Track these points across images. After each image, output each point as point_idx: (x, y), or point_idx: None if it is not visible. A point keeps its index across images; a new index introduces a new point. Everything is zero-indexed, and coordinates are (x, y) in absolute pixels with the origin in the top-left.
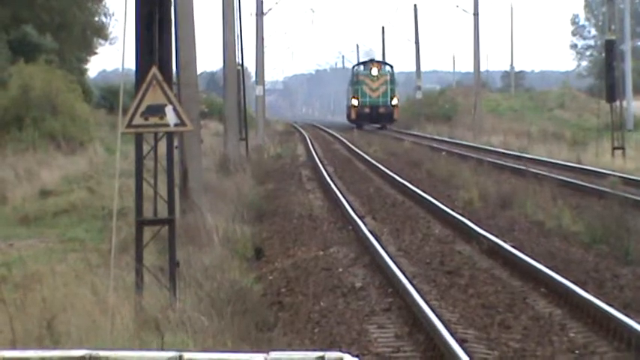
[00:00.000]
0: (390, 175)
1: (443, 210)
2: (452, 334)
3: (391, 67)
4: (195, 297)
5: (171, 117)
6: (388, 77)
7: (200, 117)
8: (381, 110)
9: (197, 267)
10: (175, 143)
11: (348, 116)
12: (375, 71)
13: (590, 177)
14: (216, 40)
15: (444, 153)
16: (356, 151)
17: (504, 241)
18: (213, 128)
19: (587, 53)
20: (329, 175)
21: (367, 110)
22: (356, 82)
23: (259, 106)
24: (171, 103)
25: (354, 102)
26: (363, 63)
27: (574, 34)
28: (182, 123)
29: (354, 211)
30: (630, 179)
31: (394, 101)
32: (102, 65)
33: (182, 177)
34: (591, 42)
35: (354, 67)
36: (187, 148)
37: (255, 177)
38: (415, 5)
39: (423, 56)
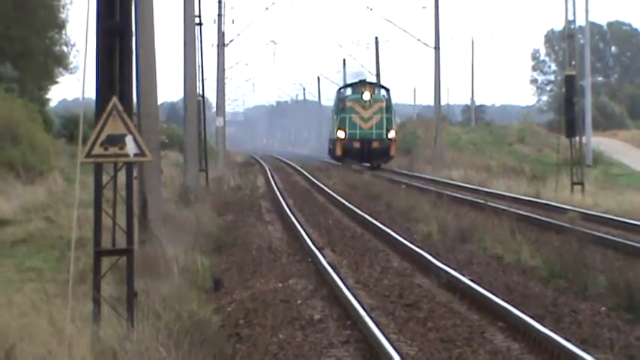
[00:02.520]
0: (350, 208)
1: (402, 243)
2: None
3: (387, 90)
4: (153, 328)
5: (131, 147)
6: (384, 104)
7: (160, 147)
8: (375, 145)
9: (155, 297)
10: (135, 173)
11: (332, 152)
12: (367, 96)
13: (549, 212)
14: (177, 70)
15: (403, 186)
16: (316, 183)
17: (463, 275)
18: (173, 159)
19: (548, 88)
20: (288, 207)
21: (357, 145)
22: (342, 109)
23: (220, 137)
24: (131, 133)
25: (340, 134)
26: (352, 85)
27: (534, 69)
28: (142, 153)
29: (313, 243)
30: (589, 214)
31: (391, 134)
32: (62, 94)
33: (141, 207)
34: (551, 77)
35: (340, 89)
36: (147, 178)
37: (214, 208)
38: (376, 38)
39: None
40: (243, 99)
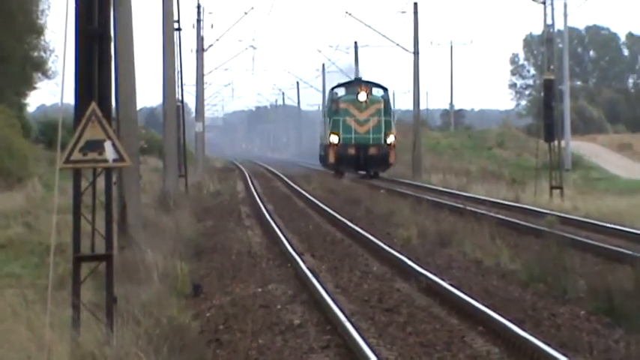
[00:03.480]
0: (329, 213)
1: (381, 248)
2: None
3: (385, 90)
4: (133, 333)
5: (110, 153)
6: (382, 105)
7: (139, 153)
8: (372, 151)
9: (135, 303)
10: (114, 179)
11: (323, 159)
12: (363, 96)
13: (528, 216)
14: (156, 75)
15: (382, 191)
16: (295, 189)
17: (442, 279)
18: (152, 164)
19: (527, 92)
20: (268, 212)
21: (352, 151)
22: (335, 111)
23: (199, 142)
24: (110, 138)
25: (333, 139)
26: (346, 84)
27: (513, 73)
28: (121, 159)
29: (293, 249)
30: (567, 218)
31: (390, 139)
32: (41, 100)
33: (121, 213)
34: (530, 81)
35: (332, 89)
36: (126, 183)
37: (194, 213)
38: (356, 42)
39: None
40: (222, 104)
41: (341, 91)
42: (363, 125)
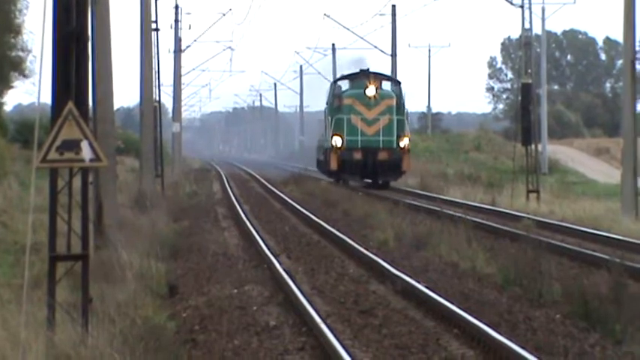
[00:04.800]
0: (306, 215)
1: (358, 250)
2: None
3: (398, 84)
4: (108, 333)
5: (86, 152)
6: (394, 101)
7: (116, 153)
8: (382, 157)
9: (110, 303)
10: (90, 179)
11: (322, 165)
12: (371, 90)
13: (504, 219)
14: (133, 76)
15: (360, 193)
16: (272, 190)
17: (418, 282)
18: (129, 164)
19: (504, 96)
20: (244, 214)
21: (358, 156)
22: (338, 107)
23: (176, 142)
24: (86, 138)
25: (336, 141)
26: (351, 76)
27: (491, 76)
28: (97, 158)
29: (269, 250)
30: (544, 222)
31: (404, 142)
32: (18, 99)
33: (97, 213)
34: (508, 85)
35: (335, 82)
36: (103, 183)
37: (170, 214)
38: (333, 44)
39: None
40: (199, 105)
41: (345, 85)
42: (372, 125)
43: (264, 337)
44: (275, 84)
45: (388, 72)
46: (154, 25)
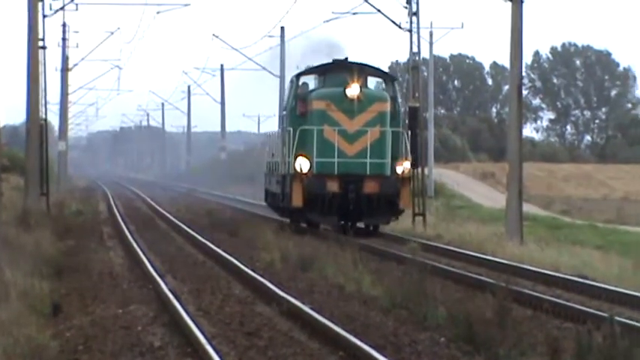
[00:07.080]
0: (193, 235)
1: (244, 271)
2: None
3: (393, 81)
4: None
5: None
6: (387, 106)
7: (0, 170)
8: (369, 188)
9: None
10: None
11: (277, 200)
12: (354, 90)
13: (390, 242)
14: (19, 93)
15: (246, 215)
16: (159, 210)
17: (304, 304)
18: (14, 182)
19: None
20: (130, 233)
21: (334, 187)
22: (303, 115)
23: (62, 161)
24: None
25: (301, 165)
26: (323, 68)
27: None
28: None
29: (155, 270)
30: (430, 245)
31: (401, 167)
32: None
33: None
34: None
35: (297, 76)
36: None
37: (55, 232)
38: (222, 65)
39: (228, 117)
40: (86, 124)
41: (313, 81)
42: (355, 142)
43: (148, 358)
44: (163, 104)
45: (277, 93)
46: (41, 43)
